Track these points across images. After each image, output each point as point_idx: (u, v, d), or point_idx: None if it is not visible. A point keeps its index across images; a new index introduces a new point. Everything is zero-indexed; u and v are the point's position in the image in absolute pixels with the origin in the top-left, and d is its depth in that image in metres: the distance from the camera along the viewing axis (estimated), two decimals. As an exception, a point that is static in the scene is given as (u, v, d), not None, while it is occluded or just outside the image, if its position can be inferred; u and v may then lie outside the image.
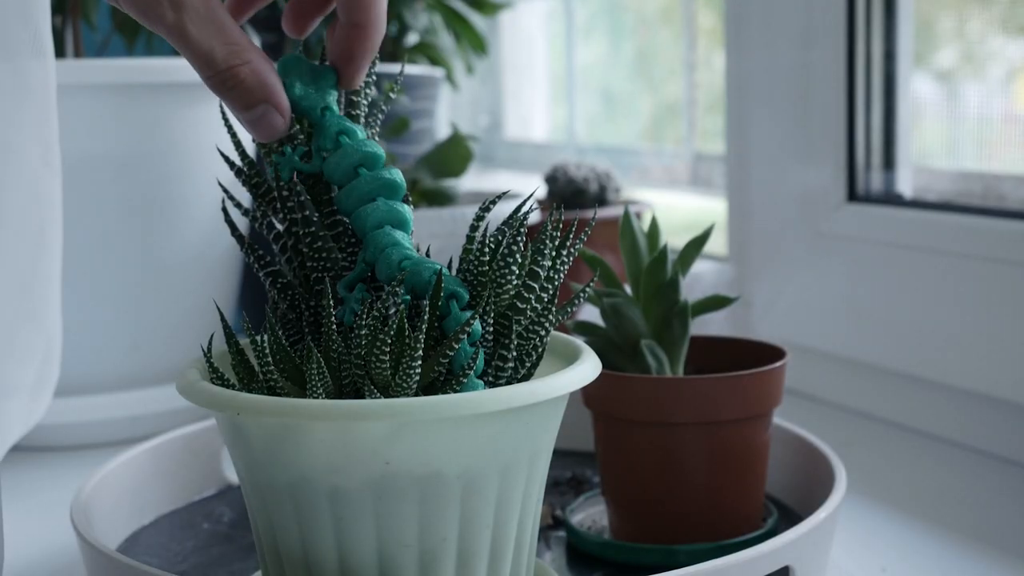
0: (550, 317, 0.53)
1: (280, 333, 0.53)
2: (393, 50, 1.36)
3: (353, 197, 0.53)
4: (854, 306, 1.01)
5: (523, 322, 0.53)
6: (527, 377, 0.54)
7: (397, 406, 0.48)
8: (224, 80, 0.51)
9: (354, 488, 0.50)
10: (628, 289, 0.70)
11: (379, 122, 0.58)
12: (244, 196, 0.94)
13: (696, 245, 0.70)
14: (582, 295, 0.55)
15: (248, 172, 0.57)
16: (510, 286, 0.53)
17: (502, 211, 0.97)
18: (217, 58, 0.51)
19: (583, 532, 0.71)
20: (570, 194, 1.22)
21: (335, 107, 0.55)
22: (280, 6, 1.40)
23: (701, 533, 0.67)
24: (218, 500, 0.80)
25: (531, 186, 0.50)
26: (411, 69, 1.34)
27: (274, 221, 0.57)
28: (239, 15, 0.57)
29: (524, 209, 0.53)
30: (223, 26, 0.51)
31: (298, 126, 0.56)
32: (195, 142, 0.97)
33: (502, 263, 0.52)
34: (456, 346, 0.50)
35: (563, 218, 0.54)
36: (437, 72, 1.37)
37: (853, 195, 1.03)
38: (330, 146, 0.54)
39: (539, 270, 0.53)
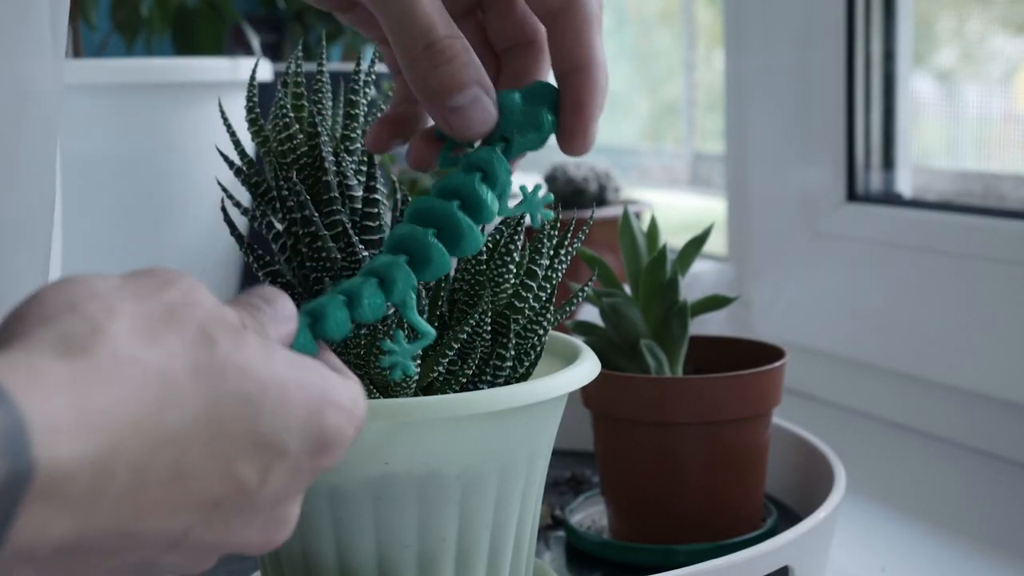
0: (548, 316, 0.53)
1: (279, 333, 0.52)
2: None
3: None
4: (854, 306, 1.01)
5: (521, 321, 0.52)
6: (525, 376, 0.54)
7: (396, 406, 0.48)
8: (442, 50, 0.45)
9: (353, 488, 0.50)
10: (627, 289, 0.70)
11: (378, 122, 0.58)
12: (244, 196, 0.94)
13: (695, 245, 0.70)
14: (581, 295, 0.55)
15: (248, 172, 0.57)
16: (508, 285, 0.53)
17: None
18: (438, 25, 0.45)
19: (582, 532, 0.71)
20: (569, 194, 1.22)
21: None
22: (279, 5, 1.40)
23: (700, 533, 0.67)
24: (218, 500, 0.80)
25: (530, 185, 0.50)
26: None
27: (274, 221, 0.57)
28: None
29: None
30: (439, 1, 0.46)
31: None
32: (195, 142, 0.97)
33: (500, 262, 0.52)
34: (455, 346, 0.50)
35: (561, 218, 0.54)
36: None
37: (853, 195, 1.03)
38: None
39: (537, 269, 0.52)
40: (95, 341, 0.31)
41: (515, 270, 0.53)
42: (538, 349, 0.54)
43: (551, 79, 0.49)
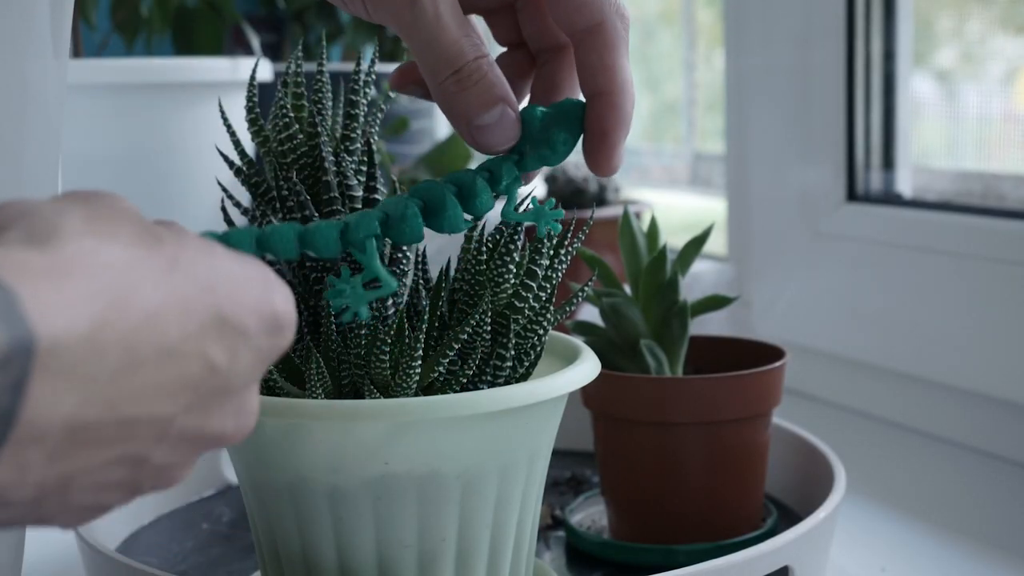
0: (548, 316, 0.53)
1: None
2: (393, 49, 1.36)
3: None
4: (854, 306, 1.01)
5: (521, 321, 0.52)
6: (525, 376, 0.54)
7: (397, 406, 0.48)
8: (469, 74, 0.47)
9: (353, 488, 0.50)
10: (627, 289, 0.70)
11: (378, 121, 0.58)
12: (244, 196, 0.94)
13: (696, 245, 0.70)
14: (581, 295, 0.55)
15: (248, 172, 0.57)
16: (508, 285, 0.53)
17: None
18: (465, 49, 0.47)
19: (582, 532, 0.71)
20: (569, 194, 1.22)
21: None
22: (279, 5, 1.40)
23: (700, 533, 0.67)
24: (218, 500, 0.80)
25: (530, 185, 0.50)
26: (411, 69, 1.33)
27: (274, 221, 0.57)
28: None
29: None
30: (463, 15, 0.47)
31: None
32: (195, 142, 0.97)
33: (500, 262, 0.52)
34: (456, 346, 0.50)
35: (561, 217, 0.54)
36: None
37: (853, 195, 1.03)
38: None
39: (537, 269, 0.52)
40: (57, 236, 0.32)
41: (515, 270, 0.53)
42: (538, 349, 0.54)
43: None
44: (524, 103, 0.52)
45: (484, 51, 0.47)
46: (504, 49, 0.54)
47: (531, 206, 0.51)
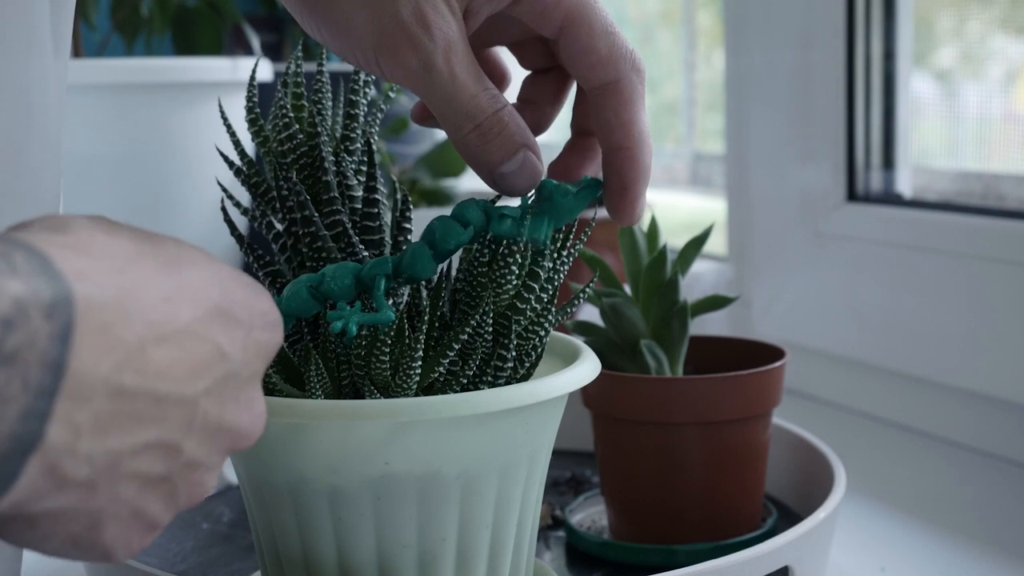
0: (550, 317, 0.53)
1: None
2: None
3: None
4: (854, 306, 1.01)
5: (523, 322, 0.52)
6: (526, 377, 0.54)
7: (397, 406, 0.48)
8: (491, 127, 0.47)
9: (353, 488, 0.50)
10: (628, 289, 0.70)
11: (378, 121, 0.58)
12: (244, 196, 0.94)
13: (696, 245, 0.70)
14: (582, 295, 0.55)
15: (248, 172, 0.57)
16: (510, 286, 0.52)
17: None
18: (484, 104, 0.47)
19: (583, 532, 0.71)
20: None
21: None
22: (280, 5, 1.40)
23: (701, 533, 0.67)
24: (218, 500, 0.80)
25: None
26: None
27: (274, 221, 0.57)
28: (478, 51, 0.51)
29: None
30: (478, 65, 0.47)
31: None
32: (195, 142, 0.97)
33: (502, 263, 0.52)
34: (456, 346, 0.50)
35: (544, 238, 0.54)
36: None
37: (853, 195, 1.03)
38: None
39: (539, 271, 0.52)
40: (73, 227, 0.34)
41: (517, 271, 0.52)
42: (539, 350, 0.54)
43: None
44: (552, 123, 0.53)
45: (502, 102, 0.48)
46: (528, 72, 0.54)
47: (525, 222, 0.51)
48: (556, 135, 0.59)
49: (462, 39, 0.47)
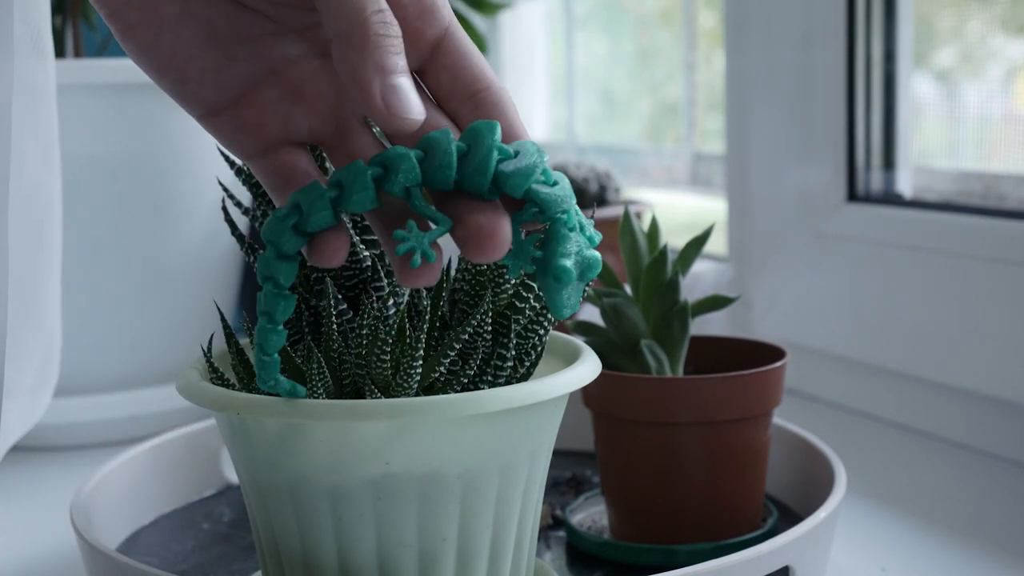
0: (549, 316, 0.53)
1: (280, 333, 0.52)
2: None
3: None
4: (854, 306, 1.01)
5: (522, 321, 0.53)
6: (526, 376, 0.54)
7: (398, 406, 0.48)
8: (383, 20, 0.41)
9: (354, 488, 0.50)
10: (628, 289, 0.70)
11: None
12: (244, 195, 0.94)
13: (696, 245, 0.70)
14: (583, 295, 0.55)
15: (248, 171, 0.57)
16: (508, 285, 0.53)
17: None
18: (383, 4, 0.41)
19: (583, 532, 0.71)
20: (570, 194, 1.22)
21: None
22: None
23: (701, 533, 0.67)
24: (218, 500, 0.80)
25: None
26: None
27: (274, 221, 0.57)
28: None
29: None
30: None
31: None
32: (195, 142, 0.97)
33: (501, 262, 0.52)
34: (456, 346, 0.50)
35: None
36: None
37: (853, 195, 1.03)
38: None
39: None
40: None
41: (516, 270, 0.52)
42: (539, 349, 0.54)
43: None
44: None
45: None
46: None
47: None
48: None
49: None
